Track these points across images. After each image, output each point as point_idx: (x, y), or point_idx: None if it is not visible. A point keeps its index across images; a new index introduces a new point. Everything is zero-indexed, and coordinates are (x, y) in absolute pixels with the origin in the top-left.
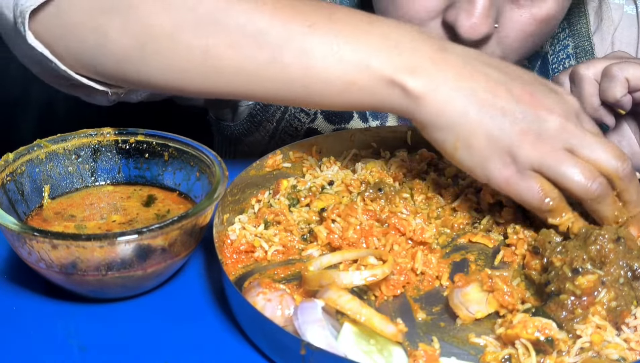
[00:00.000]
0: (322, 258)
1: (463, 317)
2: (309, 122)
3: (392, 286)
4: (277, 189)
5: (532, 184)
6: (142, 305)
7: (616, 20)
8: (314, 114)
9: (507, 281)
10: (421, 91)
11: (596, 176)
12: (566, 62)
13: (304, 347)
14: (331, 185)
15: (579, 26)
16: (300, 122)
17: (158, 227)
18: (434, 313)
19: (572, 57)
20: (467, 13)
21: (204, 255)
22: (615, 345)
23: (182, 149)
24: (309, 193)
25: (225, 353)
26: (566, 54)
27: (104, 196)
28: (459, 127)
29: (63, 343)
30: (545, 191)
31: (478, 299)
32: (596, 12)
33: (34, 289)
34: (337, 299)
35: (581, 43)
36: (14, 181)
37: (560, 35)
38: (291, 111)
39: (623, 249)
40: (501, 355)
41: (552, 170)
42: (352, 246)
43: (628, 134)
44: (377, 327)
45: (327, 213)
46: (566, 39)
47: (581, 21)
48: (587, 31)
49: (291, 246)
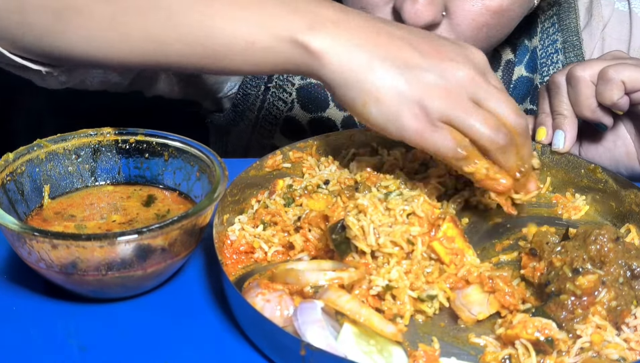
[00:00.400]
0: (299, 264)
1: (465, 319)
2: (286, 110)
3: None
4: (274, 190)
5: (444, 135)
6: (142, 305)
7: (606, 16)
8: (291, 103)
9: (508, 281)
10: (323, 49)
11: (501, 127)
12: (554, 56)
13: (304, 347)
14: (327, 184)
15: (568, 21)
16: (278, 110)
17: (158, 227)
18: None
19: (561, 51)
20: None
21: (204, 255)
22: (615, 345)
23: (182, 149)
24: (305, 191)
25: (225, 353)
26: (555, 48)
27: (104, 196)
28: (365, 84)
29: (63, 343)
30: (457, 140)
31: (479, 300)
32: (587, 8)
33: (34, 289)
34: (337, 299)
35: (569, 38)
36: (14, 181)
37: (549, 30)
38: (269, 99)
39: (622, 248)
40: (501, 355)
41: (460, 121)
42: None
43: (623, 134)
44: (376, 327)
45: (302, 222)
46: (555, 34)
47: (570, 16)
48: (576, 26)
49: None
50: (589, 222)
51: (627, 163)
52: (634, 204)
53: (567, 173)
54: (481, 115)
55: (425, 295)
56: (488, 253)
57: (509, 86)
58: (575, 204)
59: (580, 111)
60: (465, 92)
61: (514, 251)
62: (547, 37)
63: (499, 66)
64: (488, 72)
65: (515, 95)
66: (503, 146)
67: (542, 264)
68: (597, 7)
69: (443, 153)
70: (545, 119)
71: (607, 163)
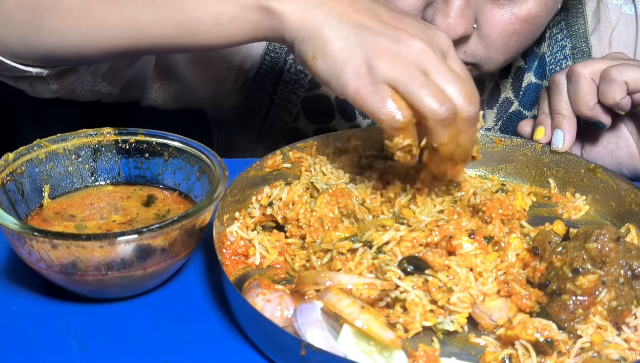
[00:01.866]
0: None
1: (485, 326)
2: (291, 121)
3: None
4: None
5: (384, 97)
6: (142, 305)
7: (614, 21)
8: (296, 114)
9: (524, 284)
10: (285, 10)
11: (446, 101)
12: (563, 62)
13: (304, 347)
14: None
15: (576, 27)
16: (283, 122)
17: (158, 227)
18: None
19: (570, 57)
20: (443, 13)
21: (204, 255)
22: (615, 345)
23: (182, 149)
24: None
25: (225, 353)
26: (563, 54)
27: (104, 196)
28: (317, 38)
29: (63, 343)
30: (399, 106)
31: (499, 306)
32: (594, 13)
33: (34, 289)
34: (336, 303)
35: (578, 44)
36: (14, 181)
37: (558, 36)
38: (274, 110)
39: (623, 248)
40: (501, 355)
41: (405, 86)
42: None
43: (625, 135)
44: (375, 333)
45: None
46: (564, 40)
47: (579, 22)
48: (585, 32)
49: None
50: (589, 222)
51: (630, 164)
52: (634, 204)
53: (567, 173)
54: (426, 83)
55: (439, 327)
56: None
57: (518, 93)
58: (575, 204)
59: (579, 108)
60: (417, 62)
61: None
62: (555, 43)
63: (510, 72)
64: (450, 55)
65: (524, 102)
66: (443, 119)
67: (542, 264)
68: (605, 11)
69: (379, 117)
70: (544, 119)
71: (610, 165)
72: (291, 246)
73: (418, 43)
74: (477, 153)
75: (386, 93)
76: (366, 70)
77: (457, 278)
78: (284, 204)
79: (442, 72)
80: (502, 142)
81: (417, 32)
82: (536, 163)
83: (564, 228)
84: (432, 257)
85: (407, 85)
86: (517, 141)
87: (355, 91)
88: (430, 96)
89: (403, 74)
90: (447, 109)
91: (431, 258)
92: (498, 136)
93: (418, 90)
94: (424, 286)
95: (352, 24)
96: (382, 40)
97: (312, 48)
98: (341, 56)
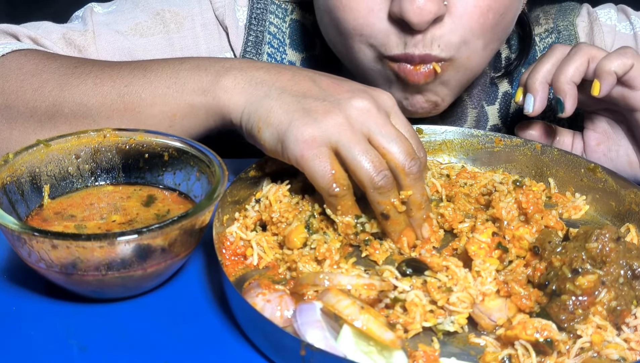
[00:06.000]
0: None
1: (485, 326)
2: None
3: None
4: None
5: (324, 163)
6: (142, 305)
7: (609, 43)
8: None
9: (523, 284)
10: (230, 95)
11: (383, 168)
12: None
13: (304, 347)
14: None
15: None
16: None
17: (158, 227)
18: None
19: None
20: None
21: (204, 255)
22: (615, 345)
23: (182, 149)
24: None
25: (225, 353)
26: None
27: (104, 196)
28: (261, 110)
29: (63, 343)
30: (336, 176)
31: (498, 306)
32: (587, 34)
33: (34, 289)
34: (336, 304)
35: None
36: (14, 181)
37: None
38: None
39: (623, 248)
40: (501, 356)
41: (346, 150)
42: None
43: (625, 144)
44: (374, 334)
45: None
46: None
47: (571, 44)
48: None
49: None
50: (589, 222)
51: (630, 173)
52: (634, 204)
53: (567, 172)
54: (366, 150)
55: (439, 327)
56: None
57: (506, 119)
58: (575, 204)
59: (558, 76)
60: (359, 122)
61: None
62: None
63: (497, 98)
64: (394, 113)
65: (513, 127)
66: (380, 187)
67: (542, 264)
68: (599, 33)
69: (318, 182)
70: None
71: None
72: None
73: (361, 102)
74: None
75: (325, 159)
76: (309, 133)
77: (456, 278)
78: (269, 203)
79: (384, 131)
80: (502, 142)
81: (359, 93)
82: (536, 163)
83: (543, 229)
84: (430, 258)
85: (347, 149)
86: (517, 141)
87: (300, 154)
88: (369, 163)
89: (344, 137)
90: (384, 177)
91: (429, 260)
92: (498, 136)
93: (356, 156)
94: (423, 287)
95: (293, 93)
96: (323, 104)
97: (257, 121)
98: (285, 121)
